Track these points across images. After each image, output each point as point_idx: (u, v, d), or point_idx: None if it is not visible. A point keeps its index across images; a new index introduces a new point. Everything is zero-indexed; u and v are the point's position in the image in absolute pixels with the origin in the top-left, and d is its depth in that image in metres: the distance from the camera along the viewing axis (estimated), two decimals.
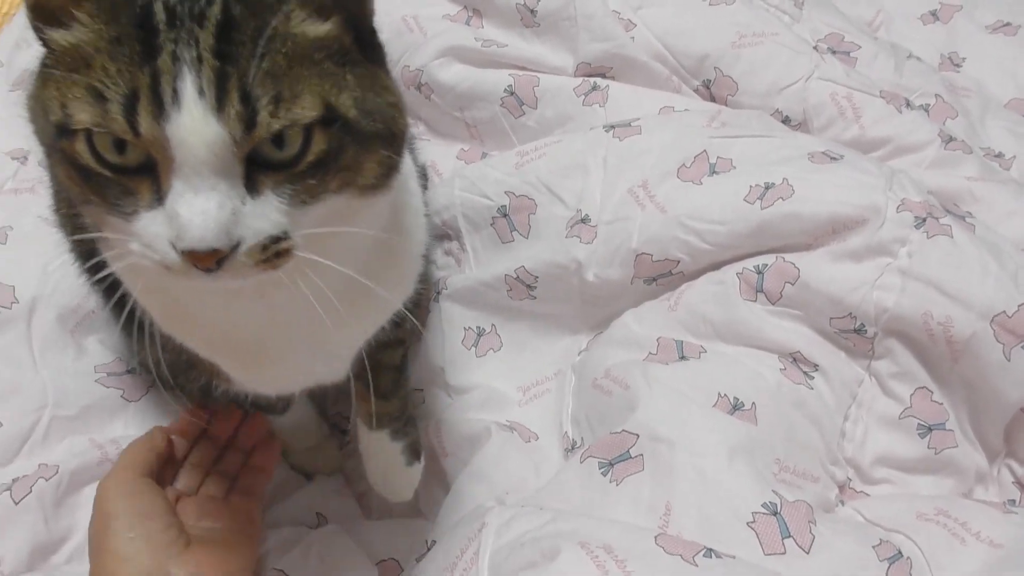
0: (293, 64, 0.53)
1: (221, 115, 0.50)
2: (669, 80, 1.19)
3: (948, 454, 0.87)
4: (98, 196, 0.54)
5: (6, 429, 0.91)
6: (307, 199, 0.55)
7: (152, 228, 0.53)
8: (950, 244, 0.88)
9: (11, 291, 0.99)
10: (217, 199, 0.51)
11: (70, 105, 0.51)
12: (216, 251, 0.52)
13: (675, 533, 0.75)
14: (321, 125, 0.53)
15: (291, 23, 0.54)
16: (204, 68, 0.50)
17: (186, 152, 0.50)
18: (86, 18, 0.53)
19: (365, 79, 0.58)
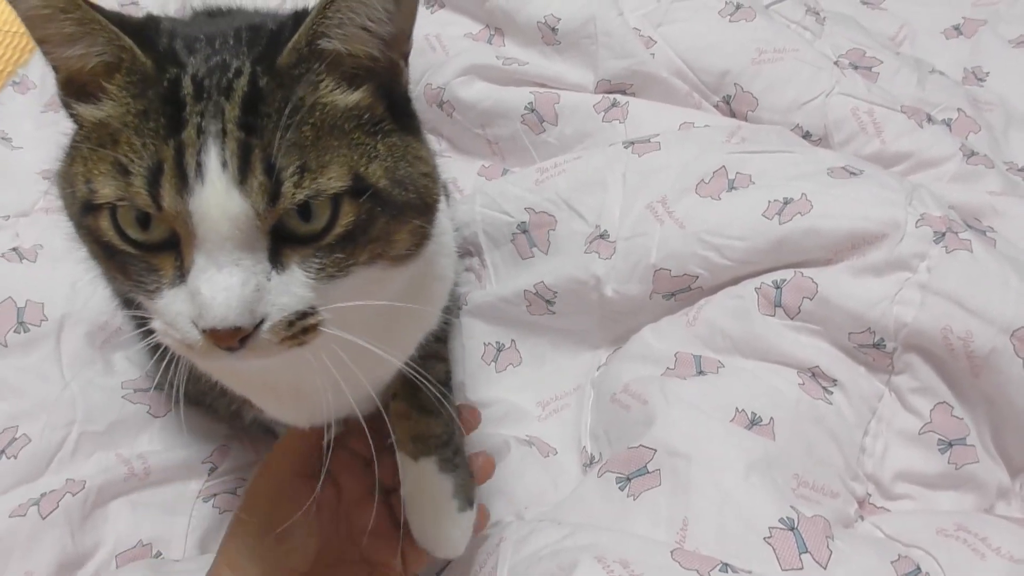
0: (321, 134, 0.52)
1: (244, 187, 0.50)
2: (689, 96, 1.20)
3: (969, 469, 0.86)
4: (122, 274, 0.54)
5: (35, 444, 0.93)
6: (335, 273, 0.54)
7: (174, 306, 0.52)
8: (970, 259, 0.88)
9: (41, 308, 1.01)
10: (240, 275, 0.50)
11: (95, 180, 0.51)
12: (239, 329, 0.51)
13: (692, 548, 0.75)
14: (350, 196, 0.52)
15: (319, 92, 0.53)
16: (228, 140, 0.50)
17: (208, 227, 0.50)
18: (115, 91, 0.53)
19: (397, 149, 0.57)
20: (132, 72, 0.53)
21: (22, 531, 0.85)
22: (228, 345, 0.51)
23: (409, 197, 0.57)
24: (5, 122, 1.33)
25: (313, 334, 0.54)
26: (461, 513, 0.80)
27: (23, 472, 0.91)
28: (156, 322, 0.54)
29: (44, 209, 1.18)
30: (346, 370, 0.59)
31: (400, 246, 0.58)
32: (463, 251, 1.16)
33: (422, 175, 0.59)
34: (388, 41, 0.56)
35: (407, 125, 0.60)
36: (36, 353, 0.99)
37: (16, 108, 1.36)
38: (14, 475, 0.91)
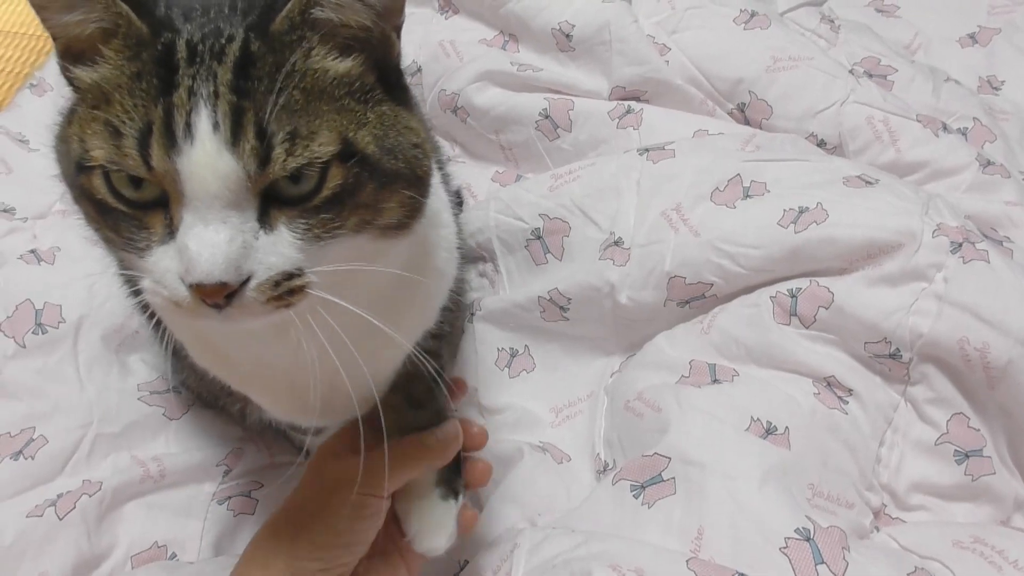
0: (311, 99, 0.53)
1: (236, 150, 0.50)
2: (703, 104, 1.20)
3: (985, 481, 0.86)
4: (114, 232, 0.55)
5: (52, 445, 0.94)
6: (323, 235, 0.54)
7: (163, 263, 0.53)
8: (987, 269, 0.88)
9: (58, 310, 1.02)
10: (227, 232, 0.51)
11: (88, 141, 0.52)
12: (224, 285, 0.51)
13: (707, 557, 0.75)
14: (339, 160, 0.53)
15: (311, 59, 0.54)
16: (220, 103, 0.50)
17: (196, 185, 0.50)
18: (111, 55, 0.54)
19: (387, 118, 0.58)
20: (128, 37, 0.53)
21: (38, 531, 0.86)
22: (214, 301, 0.52)
23: (398, 166, 0.57)
24: (22, 124, 1.34)
25: (300, 296, 0.55)
26: (444, 501, 0.81)
27: (40, 473, 0.91)
28: (145, 281, 0.55)
29: (61, 211, 1.19)
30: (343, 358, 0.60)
31: (389, 215, 0.58)
32: (477, 256, 1.16)
33: (412, 145, 0.59)
34: (381, 12, 0.57)
35: (398, 97, 0.61)
36: (54, 355, 0.99)
37: (33, 110, 1.37)
38: (31, 476, 0.91)
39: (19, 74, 1.98)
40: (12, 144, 1.29)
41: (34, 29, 2.11)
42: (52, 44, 0.56)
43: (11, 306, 1.01)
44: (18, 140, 1.31)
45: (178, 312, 0.54)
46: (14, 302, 1.01)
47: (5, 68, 2.01)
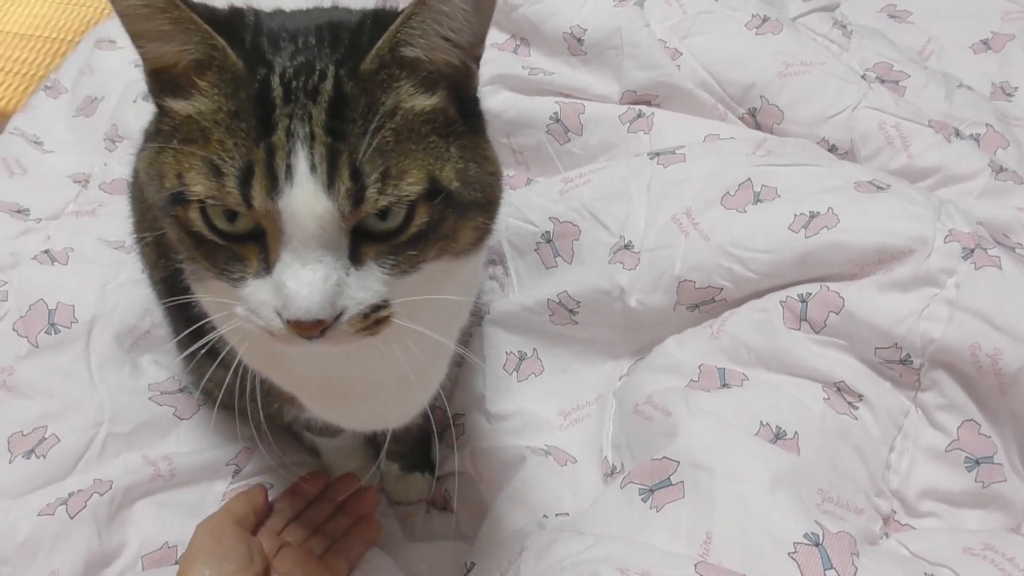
0: (401, 138, 0.55)
1: (331, 191, 0.52)
2: (715, 108, 1.20)
3: (996, 488, 0.85)
4: (208, 261, 0.57)
5: (64, 444, 0.94)
6: (407, 269, 0.57)
7: (259, 296, 0.56)
8: (999, 275, 0.87)
9: (71, 310, 1.02)
10: (323, 271, 0.54)
11: (187, 176, 0.54)
12: (320, 321, 0.54)
13: (715, 562, 0.75)
14: (425, 198, 0.55)
15: (400, 97, 0.56)
16: (316, 145, 0.52)
17: (296, 226, 0.53)
18: (207, 87, 0.55)
19: (467, 150, 0.59)
20: (223, 71, 0.55)
21: (50, 530, 0.86)
22: (309, 334, 0.55)
23: (476, 196, 0.59)
24: (37, 126, 1.35)
25: (385, 325, 0.58)
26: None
27: (52, 472, 0.92)
28: (239, 308, 0.57)
29: (75, 212, 1.20)
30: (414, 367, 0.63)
31: (464, 241, 0.61)
32: (487, 258, 1.17)
33: (489, 174, 0.61)
34: (466, 48, 0.58)
35: (475, 126, 0.63)
36: (66, 354, 1.00)
37: (48, 112, 1.38)
38: (43, 474, 0.92)
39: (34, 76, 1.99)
40: (27, 145, 1.31)
41: (49, 32, 2.13)
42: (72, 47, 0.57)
43: (25, 306, 1.01)
44: (33, 142, 1.32)
45: (268, 339, 0.57)
46: (28, 302, 1.02)
47: (20, 70, 2.02)
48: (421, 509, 1.04)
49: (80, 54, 1.49)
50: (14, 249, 1.09)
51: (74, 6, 2.21)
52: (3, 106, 1.92)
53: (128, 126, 1.32)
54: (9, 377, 0.97)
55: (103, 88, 1.39)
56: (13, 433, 0.94)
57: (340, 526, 0.93)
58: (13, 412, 0.95)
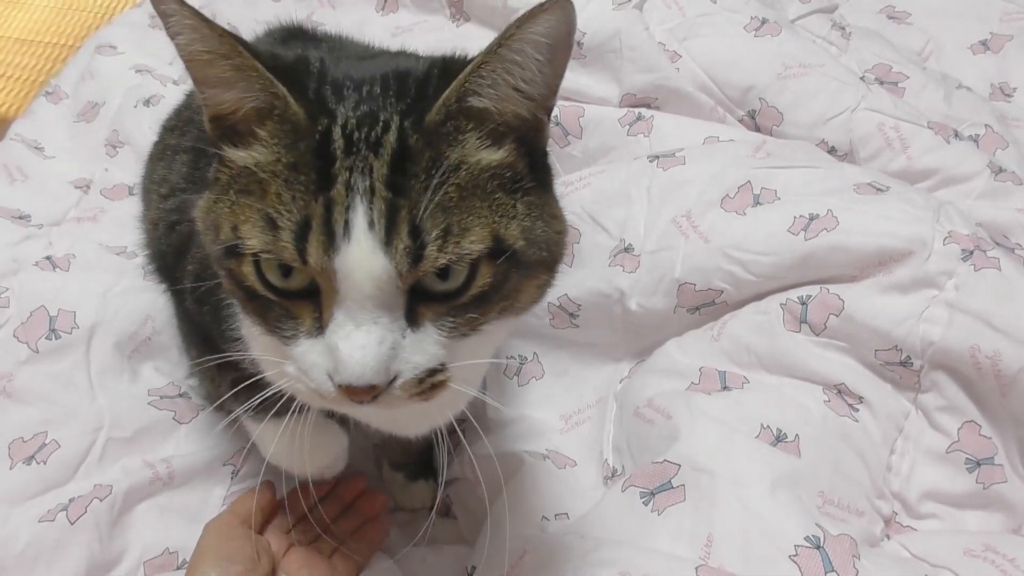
0: (465, 194, 0.52)
1: (389, 249, 0.50)
2: (714, 110, 1.20)
3: (997, 489, 0.85)
4: (259, 317, 0.56)
5: (64, 450, 0.94)
6: (467, 332, 0.54)
7: (310, 357, 0.53)
8: (998, 277, 0.87)
9: (72, 316, 1.03)
10: (378, 334, 0.51)
11: (242, 228, 0.52)
12: (374, 387, 0.52)
13: (716, 565, 0.75)
14: (488, 257, 0.53)
15: (465, 151, 0.53)
16: (376, 200, 0.50)
17: (351, 285, 0.50)
18: (267, 137, 0.54)
19: (535, 208, 0.57)
20: (284, 120, 0.53)
21: (51, 537, 0.86)
22: (361, 399, 0.53)
23: (541, 255, 0.57)
24: (38, 132, 1.35)
25: (441, 389, 0.55)
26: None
27: (52, 478, 0.92)
28: (289, 367, 0.55)
29: (76, 219, 1.20)
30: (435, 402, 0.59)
31: (525, 300, 0.59)
32: None
33: (555, 233, 0.59)
34: (537, 100, 0.56)
35: (543, 180, 0.60)
36: (66, 360, 1.00)
37: (48, 118, 1.39)
38: (43, 480, 0.92)
39: (35, 82, 2.00)
40: (28, 151, 1.31)
41: (49, 37, 2.13)
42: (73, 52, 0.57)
43: (26, 312, 1.01)
44: (34, 147, 1.32)
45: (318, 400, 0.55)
46: (29, 308, 1.02)
47: (21, 76, 2.03)
48: (424, 515, 1.04)
49: (81, 60, 1.49)
50: (15, 255, 1.09)
51: (75, 11, 2.22)
52: (4, 112, 1.92)
53: (129, 132, 1.32)
54: (9, 383, 0.97)
55: (104, 94, 1.40)
56: (14, 439, 0.94)
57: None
58: (13, 418, 0.95)
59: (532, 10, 0.52)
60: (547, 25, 0.52)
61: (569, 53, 0.56)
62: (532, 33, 0.52)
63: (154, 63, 1.44)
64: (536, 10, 0.52)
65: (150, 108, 1.33)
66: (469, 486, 0.99)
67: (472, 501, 0.98)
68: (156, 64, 1.44)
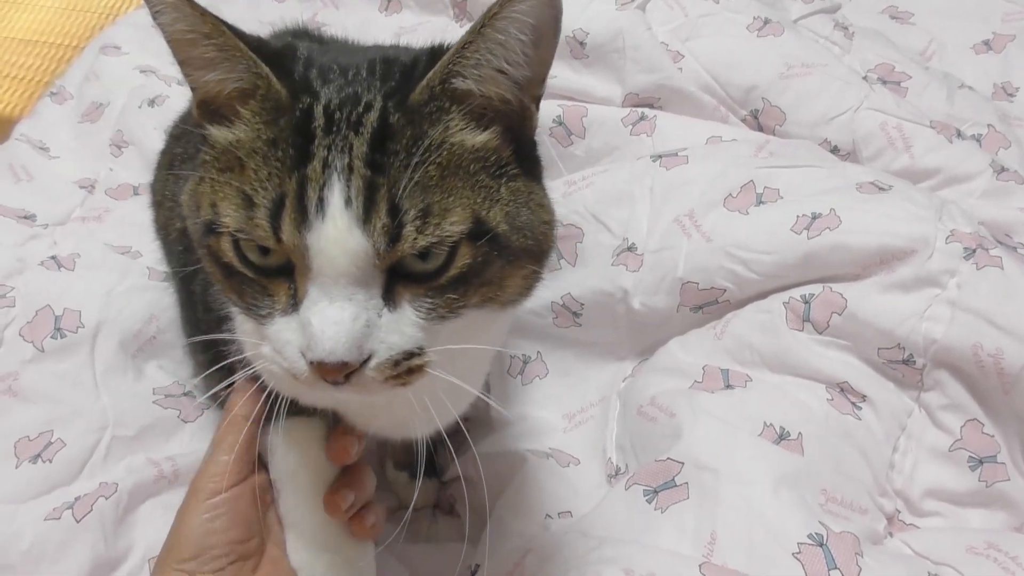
0: (446, 174, 0.52)
1: (366, 227, 0.50)
2: (717, 110, 1.20)
3: (999, 487, 0.86)
4: (237, 294, 0.55)
5: (69, 449, 0.95)
6: (447, 314, 0.54)
7: (284, 334, 0.53)
8: (1000, 275, 0.88)
9: (77, 316, 1.03)
10: (352, 310, 0.51)
11: (220, 206, 0.52)
12: (345, 364, 0.51)
13: (720, 562, 0.75)
14: (468, 239, 0.52)
15: (448, 131, 0.53)
16: (354, 177, 0.50)
17: (324, 261, 0.50)
18: (248, 116, 0.54)
19: (520, 194, 0.57)
20: (266, 99, 0.53)
21: (56, 535, 0.86)
22: (333, 379, 0.52)
23: (527, 243, 0.57)
24: (43, 132, 1.36)
25: (419, 374, 0.54)
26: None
27: (58, 476, 0.92)
28: (265, 347, 0.55)
29: (81, 218, 1.21)
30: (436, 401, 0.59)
31: (511, 291, 0.58)
32: None
33: (542, 223, 0.59)
34: (522, 84, 0.56)
35: (531, 170, 0.60)
36: (71, 359, 1.00)
37: (53, 118, 1.39)
38: (49, 479, 0.92)
39: (39, 82, 2.01)
40: (33, 152, 1.32)
41: (54, 38, 2.14)
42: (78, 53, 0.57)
43: (31, 311, 1.02)
44: (39, 148, 1.33)
45: (293, 383, 0.54)
46: (34, 307, 1.02)
47: (26, 76, 2.04)
48: (427, 513, 1.05)
49: (85, 60, 1.50)
50: (21, 255, 1.09)
51: (79, 12, 2.23)
52: (9, 112, 1.93)
53: (133, 132, 1.33)
54: (15, 382, 0.97)
55: (108, 94, 1.40)
56: (19, 438, 0.94)
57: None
58: (19, 417, 0.95)
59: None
60: (531, 3, 0.52)
61: (556, 39, 0.56)
62: (516, 12, 0.52)
63: (158, 63, 1.44)
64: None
65: (154, 108, 1.33)
66: (472, 485, 0.99)
67: (476, 499, 0.99)
68: (160, 64, 1.44)
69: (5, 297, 1.02)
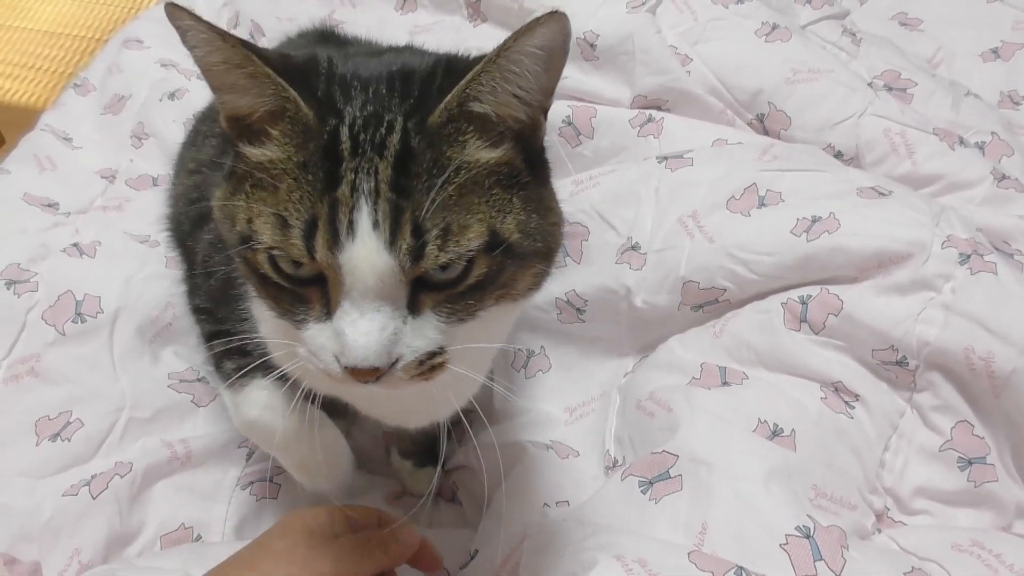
0: (464, 193, 0.56)
1: (393, 248, 0.54)
2: (723, 113, 1.22)
3: (988, 488, 0.87)
4: (273, 301, 0.60)
5: (87, 428, 0.98)
6: (465, 317, 0.58)
7: (319, 340, 0.58)
8: (994, 281, 0.89)
9: (97, 302, 1.06)
10: (381, 321, 0.55)
11: (256, 223, 0.56)
12: (376, 369, 0.56)
13: (710, 551, 0.77)
14: (484, 250, 0.56)
15: (465, 152, 0.57)
16: (380, 202, 0.54)
17: (356, 279, 0.54)
18: (279, 137, 0.57)
19: (531, 201, 0.60)
20: (295, 122, 0.57)
21: (74, 509, 0.90)
22: (365, 380, 0.57)
23: (536, 246, 0.60)
24: (66, 123, 1.39)
25: (440, 371, 0.59)
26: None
27: (76, 454, 0.96)
28: (300, 348, 0.59)
29: (102, 207, 1.24)
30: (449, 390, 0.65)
31: (522, 288, 0.62)
32: None
33: (550, 224, 0.63)
34: (534, 105, 0.59)
35: (540, 175, 0.64)
36: (91, 343, 1.04)
37: (77, 110, 1.42)
38: (68, 457, 0.96)
39: (63, 74, 2.05)
40: (57, 142, 1.35)
41: (78, 30, 2.18)
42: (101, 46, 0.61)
43: (53, 296, 1.05)
44: (63, 138, 1.36)
45: (326, 379, 0.59)
46: (56, 292, 1.06)
47: (50, 68, 2.08)
48: (429, 499, 1.08)
49: (108, 53, 1.53)
50: (44, 241, 1.13)
51: (102, 5, 2.27)
52: (34, 102, 1.97)
53: (154, 124, 1.36)
54: (37, 363, 1.01)
55: (130, 87, 1.43)
56: (40, 417, 0.98)
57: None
58: (40, 397, 0.99)
59: (529, 24, 0.55)
60: (544, 38, 0.56)
61: (565, 58, 0.59)
62: (529, 46, 0.56)
63: (179, 58, 1.47)
64: (533, 24, 0.55)
65: (174, 102, 1.36)
66: (474, 474, 1.02)
67: (476, 488, 1.01)
68: (180, 59, 1.47)
69: (29, 282, 1.06)
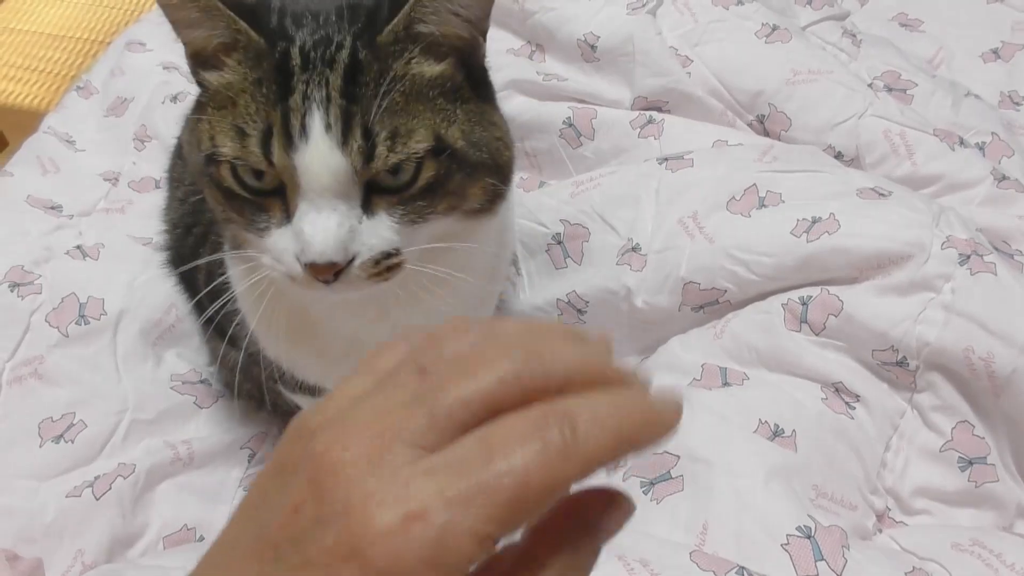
0: (410, 101, 0.60)
1: (345, 148, 0.58)
2: (724, 115, 1.22)
3: (989, 488, 0.88)
4: (237, 213, 0.63)
5: (90, 430, 0.99)
6: (416, 219, 0.62)
7: (281, 243, 0.61)
8: (994, 281, 0.90)
9: (100, 304, 1.07)
10: (337, 218, 0.59)
11: (218, 138, 0.60)
12: (334, 264, 0.59)
13: (711, 551, 0.78)
14: (431, 154, 0.61)
15: (410, 65, 0.61)
16: (332, 107, 0.58)
17: (311, 178, 0.58)
18: (234, 64, 0.62)
19: (474, 114, 0.65)
20: (248, 49, 0.61)
21: (77, 511, 0.90)
22: (324, 277, 0.60)
23: (482, 157, 0.64)
24: (69, 125, 1.39)
25: (397, 271, 0.63)
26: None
27: (79, 456, 0.96)
28: (264, 258, 0.63)
29: (105, 210, 1.24)
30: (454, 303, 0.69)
31: (473, 200, 0.66)
32: None
33: (495, 139, 0.66)
34: (474, 22, 0.63)
35: (483, 93, 0.68)
36: (94, 345, 1.04)
37: (79, 112, 1.43)
38: (71, 458, 0.96)
39: (66, 76, 2.06)
40: (60, 144, 1.35)
41: (81, 32, 2.19)
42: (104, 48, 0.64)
43: (57, 298, 1.06)
44: (66, 140, 1.37)
45: (291, 286, 0.63)
46: (60, 295, 1.06)
47: (53, 70, 2.08)
48: None
49: (111, 56, 1.53)
50: (48, 244, 1.13)
51: (105, 8, 2.27)
52: (37, 104, 1.98)
53: (156, 127, 1.36)
54: (41, 365, 1.01)
55: (133, 89, 1.44)
56: (43, 419, 0.98)
57: None
58: (44, 399, 0.99)
59: None
60: None
61: None
62: None
63: (181, 61, 1.46)
64: None
65: (177, 104, 1.37)
66: None
67: None
68: (183, 62, 1.46)
69: (33, 284, 1.07)
